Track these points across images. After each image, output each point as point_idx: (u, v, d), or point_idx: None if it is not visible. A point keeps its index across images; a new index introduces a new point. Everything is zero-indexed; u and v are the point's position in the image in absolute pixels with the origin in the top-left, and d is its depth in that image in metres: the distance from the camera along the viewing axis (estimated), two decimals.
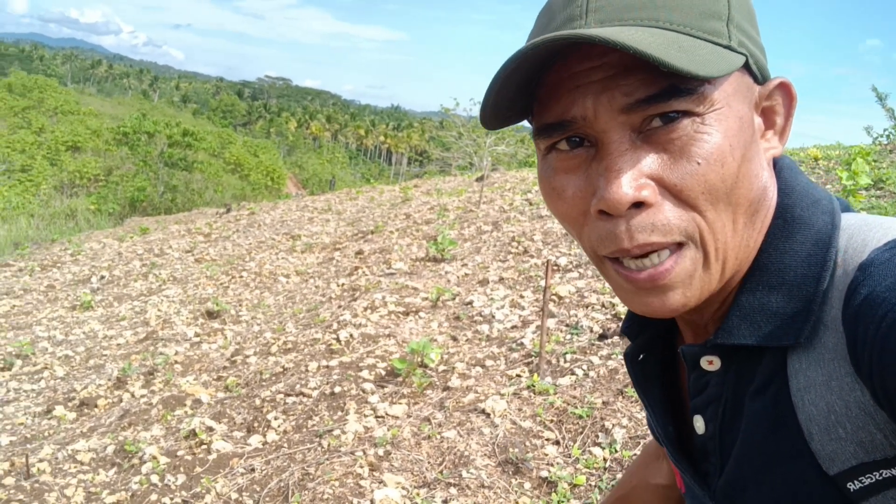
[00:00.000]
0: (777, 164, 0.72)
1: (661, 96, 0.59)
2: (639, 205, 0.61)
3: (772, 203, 0.68)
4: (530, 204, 9.75)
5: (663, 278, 0.63)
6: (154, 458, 4.20)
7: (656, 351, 0.84)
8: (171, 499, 3.72)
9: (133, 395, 5.53)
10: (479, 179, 13.67)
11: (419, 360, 4.68)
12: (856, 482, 0.59)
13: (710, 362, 0.71)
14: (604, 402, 3.88)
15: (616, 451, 3.48)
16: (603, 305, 5.19)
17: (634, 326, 0.84)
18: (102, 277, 10.44)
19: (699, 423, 0.74)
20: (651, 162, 0.61)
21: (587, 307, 5.24)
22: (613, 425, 3.65)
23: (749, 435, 0.67)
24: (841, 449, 0.60)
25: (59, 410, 5.42)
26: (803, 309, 0.63)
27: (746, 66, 0.64)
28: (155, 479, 3.96)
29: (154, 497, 3.78)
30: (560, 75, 0.63)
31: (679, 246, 0.62)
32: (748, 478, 0.68)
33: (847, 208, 0.72)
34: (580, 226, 0.66)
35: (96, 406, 5.46)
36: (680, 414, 0.82)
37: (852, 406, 0.59)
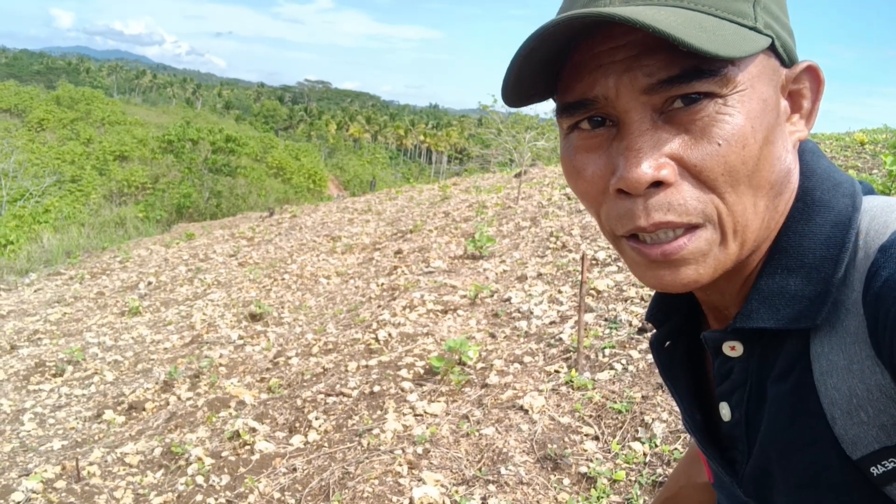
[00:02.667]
0: (800, 148, 0.71)
1: (684, 77, 0.59)
2: (658, 184, 0.61)
3: (795, 186, 0.68)
4: (569, 199, 9.69)
5: (675, 254, 0.62)
6: (199, 459, 4.29)
7: (682, 338, 0.83)
8: (216, 499, 3.79)
9: (179, 398, 5.64)
10: (518, 175, 13.63)
11: (457, 357, 4.70)
12: (878, 466, 0.59)
13: (733, 348, 0.71)
14: (643, 397, 3.84)
15: (656, 446, 3.44)
16: (642, 299, 5.14)
17: (660, 314, 0.84)
18: (150, 283, 10.67)
19: (725, 410, 0.74)
20: (672, 142, 0.60)
21: (626, 301, 5.20)
22: (653, 420, 3.61)
23: (773, 420, 0.67)
24: (863, 433, 0.59)
25: (108, 414, 5.56)
26: (822, 291, 0.63)
27: (773, 49, 0.63)
28: (200, 479, 4.04)
29: (199, 497, 3.85)
30: (583, 55, 0.63)
31: (695, 227, 0.62)
32: (773, 463, 0.68)
33: (870, 191, 0.71)
34: (599, 204, 0.67)
35: (144, 409, 5.59)
36: (707, 401, 0.81)
37: (874, 389, 0.59)
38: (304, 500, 3.57)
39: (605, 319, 4.96)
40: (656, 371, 4.15)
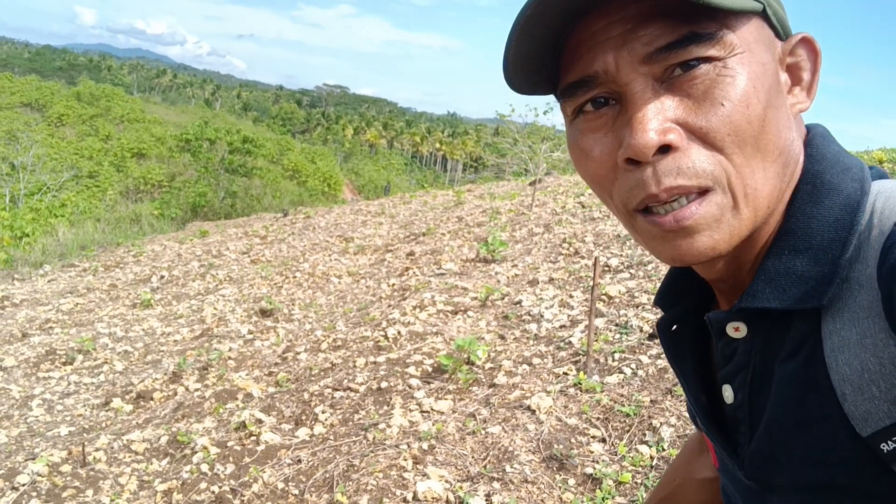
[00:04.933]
0: (810, 132, 0.71)
1: (681, 43, 0.59)
2: (665, 150, 0.61)
3: (799, 159, 0.68)
4: (583, 206, 9.67)
5: (688, 219, 0.62)
6: (205, 448, 4.29)
7: (690, 321, 0.83)
8: (220, 487, 3.79)
9: (187, 389, 5.65)
10: (533, 184, 13.62)
11: (466, 357, 4.68)
12: (889, 443, 0.58)
13: (737, 329, 0.70)
14: (652, 401, 3.82)
15: (663, 450, 3.42)
16: (654, 304, 5.11)
17: (669, 297, 0.84)
18: (162, 277, 10.71)
19: (728, 393, 0.73)
20: (676, 107, 0.61)
21: (637, 307, 5.18)
22: (661, 424, 3.59)
23: (779, 400, 0.66)
24: (874, 408, 0.58)
25: (116, 402, 5.58)
26: (829, 272, 0.62)
27: (766, 19, 0.64)
28: (205, 468, 4.04)
29: (203, 485, 3.85)
30: (580, 35, 0.63)
31: (705, 192, 0.62)
32: (778, 443, 0.67)
33: (882, 176, 0.70)
34: (610, 183, 0.67)
35: (152, 399, 5.60)
36: (712, 383, 0.81)
37: (886, 363, 0.58)
38: (308, 491, 3.56)
39: (616, 324, 4.94)
40: (666, 376, 4.12)
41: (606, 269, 6.20)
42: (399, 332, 5.59)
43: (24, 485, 4.16)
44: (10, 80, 51.88)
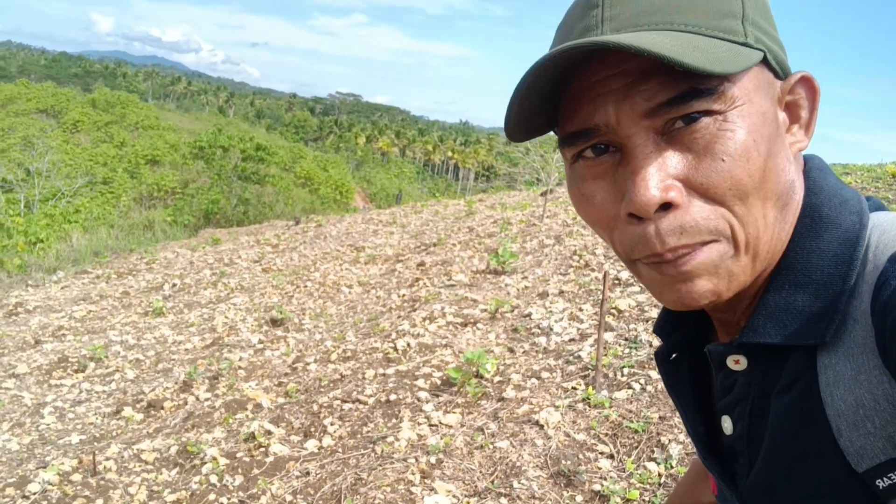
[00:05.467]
0: (807, 164, 0.72)
1: (682, 98, 0.59)
2: (667, 206, 0.61)
3: (799, 198, 0.68)
4: None
5: (687, 265, 0.62)
6: (214, 459, 4.31)
7: (688, 351, 0.83)
8: (229, 499, 3.81)
9: (198, 399, 5.68)
10: (544, 194, 13.62)
11: (475, 370, 4.69)
12: (884, 479, 0.59)
13: (737, 361, 0.71)
14: (660, 417, 3.81)
15: (672, 467, 3.41)
16: None
17: (668, 325, 0.84)
18: (174, 285, 10.77)
19: (727, 424, 0.74)
20: (677, 163, 0.61)
21: (647, 321, 5.17)
22: (670, 441, 3.58)
23: (776, 433, 0.67)
24: (869, 445, 0.59)
25: (127, 411, 5.61)
26: (829, 308, 0.63)
27: (765, 63, 0.64)
28: (214, 479, 4.06)
29: (212, 496, 3.87)
30: (581, 85, 0.64)
31: (707, 242, 0.62)
32: (776, 476, 0.67)
33: (879, 207, 0.71)
34: (611, 230, 0.67)
35: (163, 408, 5.63)
36: (711, 414, 0.81)
37: (881, 399, 0.58)
38: None
39: (626, 339, 4.93)
40: None
41: (616, 282, 6.20)
42: (408, 344, 5.60)
43: (34, 493, 4.19)
44: (27, 86, 52.26)
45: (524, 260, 8.13)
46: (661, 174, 0.61)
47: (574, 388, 4.35)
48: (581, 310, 5.80)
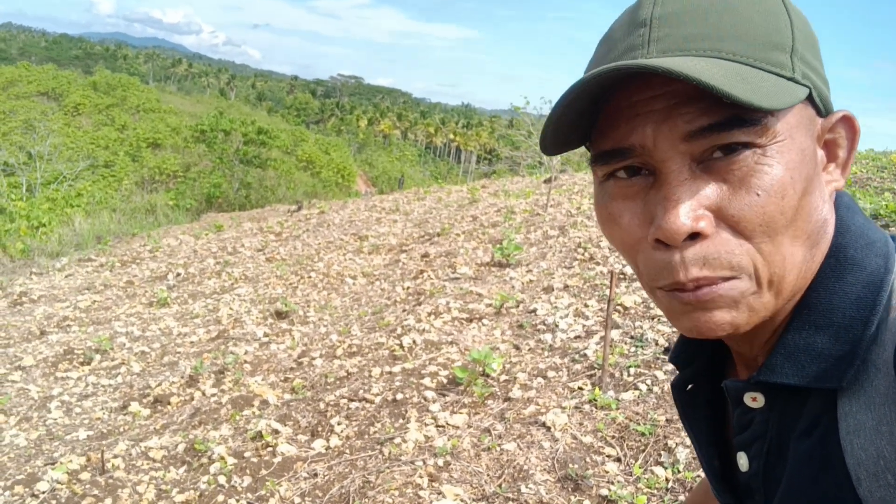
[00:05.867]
0: (836, 202, 0.71)
1: (724, 125, 0.59)
2: (695, 235, 0.61)
3: (830, 237, 0.68)
4: None
5: (708, 296, 0.62)
6: (222, 458, 4.33)
7: (705, 383, 0.83)
8: (237, 500, 3.83)
9: (204, 394, 5.70)
10: (547, 181, 13.60)
11: (481, 369, 4.70)
12: None
13: (754, 399, 0.70)
14: (667, 420, 3.82)
15: (679, 472, 3.42)
16: None
17: (684, 356, 0.84)
18: (178, 275, 10.79)
19: (743, 460, 0.74)
20: (710, 192, 0.61)
21: (653, 318, 5.17)
22: (677, 444, 3.59)
23: (795, 477, 0.66)
24: (889, 496, 0.58)
25: (134, 406, 5.63)
26: (849, 352, 0.62)
27: (809, 99, 0.64)
28: (222, 479, 4.08)
29: (221, 498, 3.89)
30: (620, 103, 0.63)
31: (728, 278, 0.62)
32: None
33: None
34: (636, 252, 0.67)
35: (169, 403, 5.65)
36: (726, 448, 0.81)
37: None
38: None
39: (632, 337, 4.94)
40: None
41: (622, 276, 6.19)
42: (414, 341, 5.61)
43: (43, 492, 4.22)
44: (28, 69, 52.08)
45: (528, 252, 8.13)
46: (693, 203, 0.60)
47: (580, 389, 4.36)
48: (587, 305, 5.80)
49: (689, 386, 0.84)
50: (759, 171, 0.60)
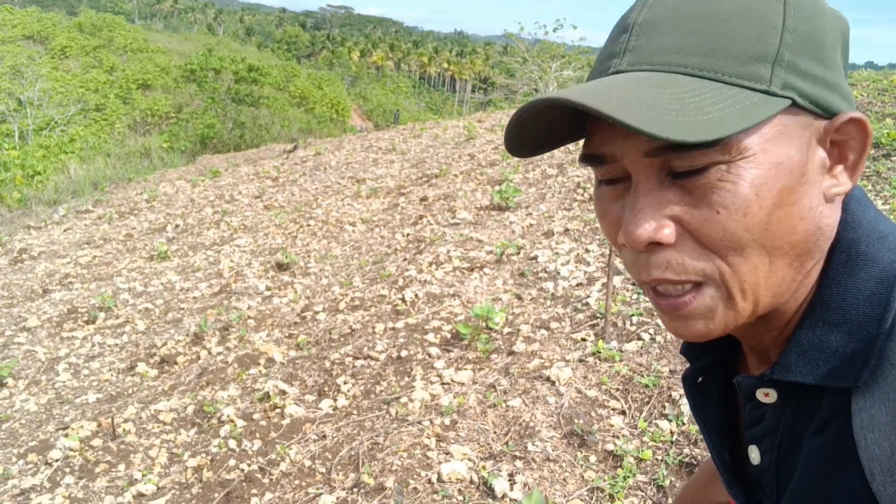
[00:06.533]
0: (847, 195, 0.69)
1: (681, 147, 0.59)
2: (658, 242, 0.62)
3: (829, 241, 0.67)
4: None
5: (681, 309, 0.64)
6: (231, 420, 4.38)
7: (716, 375, 0.83)
8: (249, 465, 3.89)
9: (210, 353, 5.74)
10: None
11: (484, 323, 4.71)
12: None
13: (767, 395, 0.70)
14: (671, 371, 3.85)
15: (683, 424, 3.47)
16: None
17: (696, 347, 0.84)
18: (177, 226, 10.75)
19: (754, 454, 0.74)
20: (674, 203, 0.62)
21: None
22: (680, 396, 3.62)
23: (807, 472, 0.66)
24: None
25: (141, 367, 5.68)
26: (863, 350, 0.62)
27: (799, 105, 0.61)
28: (233, 443, 4.14)
29: (232, 462, 3.96)
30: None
31: (699, 284, 0.63)
32: None
33: None
34: (619, 247, 0.68)
35: (176, 363, 5.70)
36: (737, 440, 0.82)
37: None
38: (335, 470, 3.65)
39: (633, 283, 4.94)
40: None
41: None
42: (416, 295, 5.61)
43: (56, 460, 4.29)
44: (11, 12, 50.87)
45: (527, 193, 8.08)
46: (656, 213, 0.62)
47: (583, 340, 4.39)
48: (587, 251, 5.79)
49: (700, 378, 0.84)
50: (721, 189, 0.59)
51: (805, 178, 0.62)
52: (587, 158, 0.67)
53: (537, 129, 0.66)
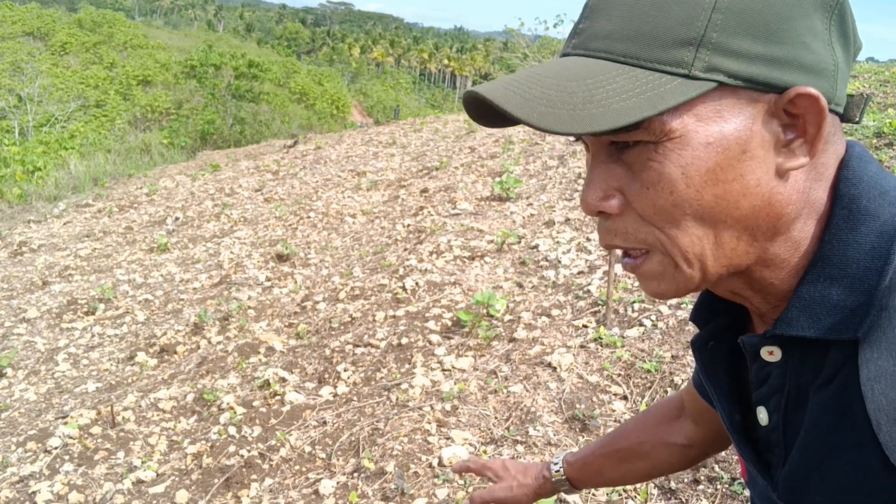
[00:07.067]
0: (847, 152, 0.69)
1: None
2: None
3: (817, 199, 0.67)
4: None
5: (635, 270, 0.69)
6: (231, 407, 4.37)
7: (724, 339, 0.84)
8: (249, 451, 3.88)
9: (210, 342, 5.72)
10: None
11: (485, 310, 4.69)
12: None
13: (771, 353, 0.71)
14: (673, 356, 3.83)
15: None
16: None
17: (704, 314, 0.84)
18: (177, 219, 10.73)
19: (762, 415, 0.75)
20: (618, 176, 0.65)
21: None
22: (682, 380, 3.60)
23: (814, 425, 0.67)
24: None
25: (141, 357, 5.66)
26: (865, 302, 0.62)
27: (729, 85, 0.61)
28: (233, 430, 4.12)
29: (232, 448, 3.94)
30: None
31: (647, 251, 0.67)
32: (811, 468, 0.68)
33: None
34: None
35: (175, 352, 5.68)
36: (747, 403, 0.82)
37: None
38: (335, 455, 3.63)
39: None
40: (686, 328, 4.12)
41: None
42: (417, 283, 5.59)
43: (56, 448, 4.27)
44: (11, 8, 50.82)
45: (528, 184, 8.05)
46: (603, 184, 0.66)
47: (585, 326, 4.36)
48: (588, 239, 5.77)
49: (710, 343, 0.85)
50: (648, 168, 0.63)
51: (747, 154, 0.62)
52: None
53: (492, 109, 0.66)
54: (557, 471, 1.33)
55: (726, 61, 0.61)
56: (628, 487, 3.02)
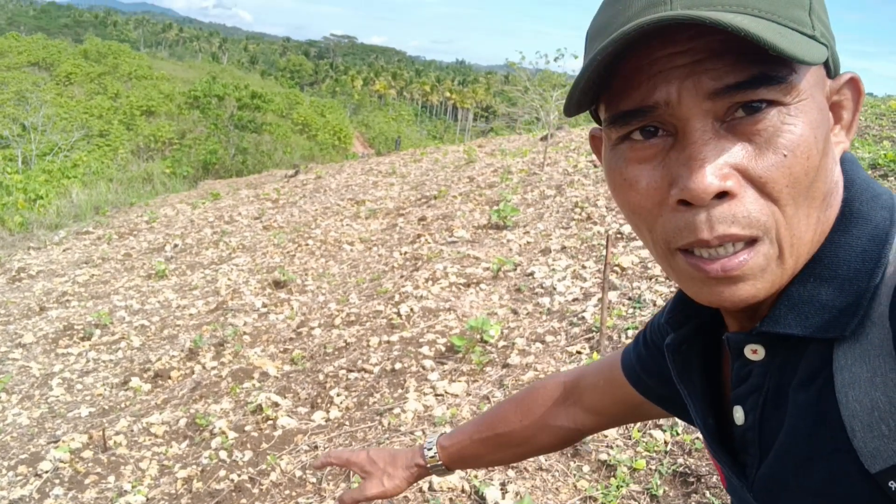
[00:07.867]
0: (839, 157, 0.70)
1: (751, 83, 0.57)
2: (721, 195, 0.59)
3: (840, 198, 0.66)
4: (595, 166, 9.57)
5: (735, 269, 0.61)
6: (223, 432, 4.35)
7: (698, 341, 0.82)
8: (239, 475, 3.85)
9: (204, 367, 5.71)
10: (544, 139, 13.48)
11: (479, 336, 4.69)
12: None
13: (755, 351, 0.70)
14: None
15: (677, 434, 3.43)
16: (667, 277, 5.08)
17: (679, 317, 0.83)
18: (176, 246, 10.76)
19: (739, 414, 0.74)
20: (736, 152, 0.59)
21: (650, 279, 5.15)
22: None
23: (791, 429, 0.66)
24: (883, 447, 0.58)
25: (135, 382, 5.64)
26: (853, 303, 0.62)
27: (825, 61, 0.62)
28: (223, 454, 4.10)
29: (222, 472, 3.91)
30: (640, 62, 0.60)
31: (754, 241, 0.61)
32: (788, 471, 0.68)
33: None
34: (654, 217, 0.65)
35: (170, 377, 5.67)
36: (719, 406, 0.81)
37: None
38: (325, 480, 3.61)
39: (629, 298, 4.92)
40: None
41: (619, 236, 6.16)
42: (412, 309, 5.59)
43: (46, 472, 4.24)
44: (17, 38, 51.58)
45: (525, 213, 8.08)
46: (719, 162, 0.58)
47: (579, 353, 4.36)
48: (584, 267, 5.78)
49: (684, 346, 0.83)
50: (785, 131, 0.58)
51: (830, 130, 0.63)
52: (629, 115, 0.62)
53: (596, 74, 0.61)
54: (432, 456, 1.31)
55: (826, 31, 0.61)
56: None
